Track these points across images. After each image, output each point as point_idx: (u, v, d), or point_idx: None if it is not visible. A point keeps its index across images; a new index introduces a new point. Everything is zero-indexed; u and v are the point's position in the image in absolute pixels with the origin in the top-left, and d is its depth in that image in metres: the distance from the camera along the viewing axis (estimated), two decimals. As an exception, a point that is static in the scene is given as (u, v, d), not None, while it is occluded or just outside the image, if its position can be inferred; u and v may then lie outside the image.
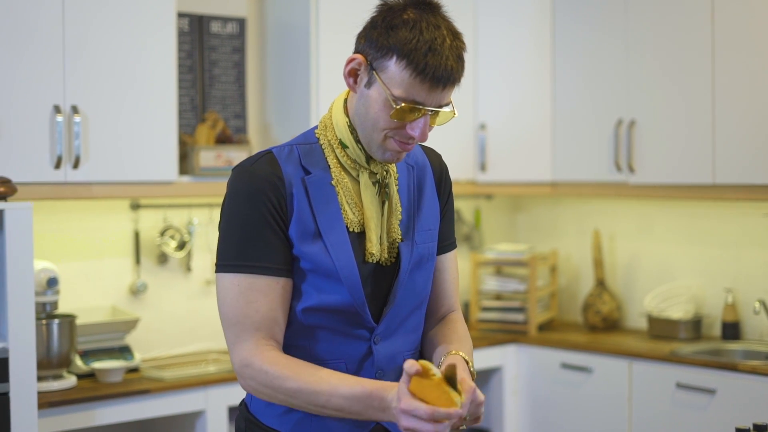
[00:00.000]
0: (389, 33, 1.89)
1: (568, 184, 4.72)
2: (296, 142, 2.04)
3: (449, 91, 1.92)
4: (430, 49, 1.86)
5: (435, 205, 2.13)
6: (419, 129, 1.91)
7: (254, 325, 1.91)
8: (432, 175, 2.15)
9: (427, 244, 2.08)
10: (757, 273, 4.39)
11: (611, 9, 4.51)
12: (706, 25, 4.14)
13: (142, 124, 3.76)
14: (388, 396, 1.78)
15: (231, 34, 4.30)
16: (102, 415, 3.52)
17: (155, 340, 4.17)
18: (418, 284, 2.06)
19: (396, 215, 2.04)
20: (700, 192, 4.22)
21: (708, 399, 3.95)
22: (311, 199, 1.96)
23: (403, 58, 1.87)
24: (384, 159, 1.97)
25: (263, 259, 1.92)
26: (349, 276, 1.95)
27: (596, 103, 4.58)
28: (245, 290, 1.92)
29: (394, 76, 1.89)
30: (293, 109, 4.33)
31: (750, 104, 4.02)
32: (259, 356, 1.90)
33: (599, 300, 4.81)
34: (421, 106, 1.89)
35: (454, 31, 1.93)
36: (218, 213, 4.23)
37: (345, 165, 2.01)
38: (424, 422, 1.69)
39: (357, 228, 1.99)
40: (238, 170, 1.98)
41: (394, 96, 1.89)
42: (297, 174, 1.97)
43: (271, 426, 2.00)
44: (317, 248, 1.95)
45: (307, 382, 1.85)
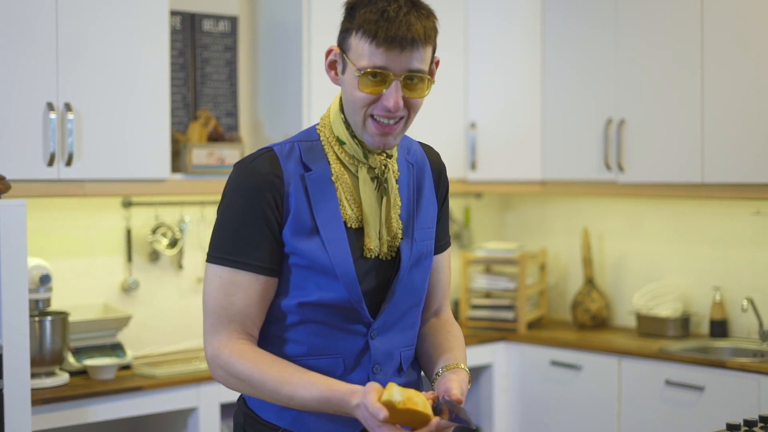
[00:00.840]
0: (350, 15, 1.97)
1: (557, 182, 4.75)
2: (298, 139, 2.06)
3: (411, 55, 1.92)
4: (381, 16, 1.91)
5: (433, 204, 2.15)
6: (392, 98, 1.92)
7: (228, 318, 1.96)
8: (431, 174, 2.17)
9: (426, 242, 2.10)
10: (745, 271, 4.43)
11: (601, 8, 4.54)
12: (696, 24, 4.17)
13: (135, 121, 3.77)
14: (350, 405, 1.84)
15: (223, 32, 4.31)
16: (95, 412, 3.53)
17: (147, 338, 4.18)
18: (417, 281, 2.08)
19: (395, 210, 2.06)
20: (689, 191, 4.26)
21: (697, 396, 3.98)
22: (310, 196, 1.98)
23: (359, 30, 1.93)
24: (372, 144, 1.99)
25: (247, 256, 1.96)
26: (346, 272, 1.97)
27: (586, 102, 4.61)
28: (225, 283, 1.96)
29: (356, 50, 1.93)
30: (285, 108, 4.35)
31: (739, 104, 4.06)
32: (228, 347, 1.95)
33: (588, 298, 4.84)
34: (386, 72, 1.91)
35: (413, 2, 1.95)
36: (211, 210, 4.26)
37: (344, 161, 2.03)
38: None
39: (355, 224, 2.02)
40: (239, 166, 2.01)
41: (358, 68, 1.92)
42: (297, 171, 2.00)
43: (269, 420, 2.03)
44: (314, 245, 1.97)
45: (272, 381, 1.91)
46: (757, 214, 4.37)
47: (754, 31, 4.02)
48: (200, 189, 4.02)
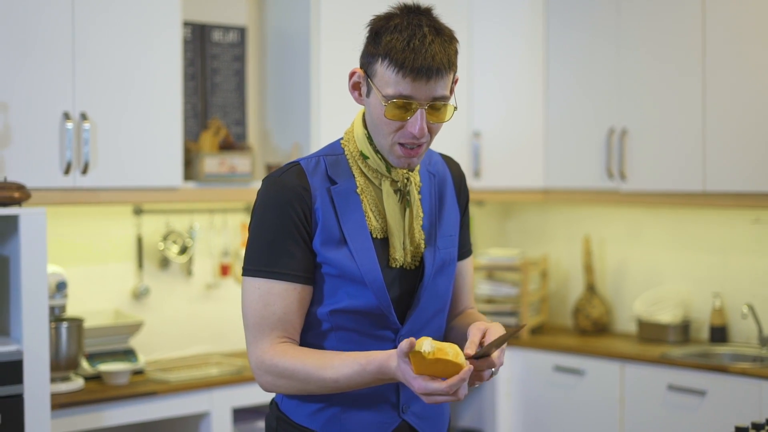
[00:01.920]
0: (375, 40, 2.01)
1: (560, 191, 4.83)
2: (323, 153, 2.13)
3: (437, 84, 1.99)
4: (408, 45, 1.96)
5: (455, 212, 2.23)
6: (417, 125, 1.99)
7: (270, 326, 2.04)
8: (452, 183, 2.25)
9: (449, 250, 2.18)
10: (744, 278, 4.51)
11: (603, 18, 4.62)
12: (697, 35, 4.26)
13: (148, 130, 3.83)
14: (390, 367, 1.90)
15: (232, 42, 4.38)
16: (110, 416, 3.60)
17: (157, 343, 4.24)
18: (441, 288, 2.16)
19: (417, 221, 2.13)
20: (690, 199, 4.34)
21: (699, 400, 4.06)
22: (336, 208, 2.06)
23: (386, 58, 1.98)
24: (398, 165, 2.06)
25: (283, 266, 2.03)
26: (374, 280, 2.05)
27: (589, 111, 4.69)
28: (264, 294, 2.03)
29: (382, 77, 1.99)
30: (293, 117, 4.42)
31: (740, 113, 4.14)
32: (270, 352, 2.02)
33: (589, 304, 4.92)
34: (411, 101, 1.98)
35: (437, 28, 2.01)
36: (220, 218, 4.33)
37: (368, 175, 2.10)
38: (445, 396, 1.84)
39: (380, 234, 2.09)
40: (268, 181, 2.08)
41: (384, 96, 1.99)
42: (323, 185, 2.07)
43: (302, 424, 2.10)
44: (343, 254, 2.05)
45: (314, 369, 1.98)
46: (756, 222, 4.46)
47: (756, 41, 4.10)
48: (212, 197, 4.09)
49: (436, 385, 1.82)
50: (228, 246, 4.42)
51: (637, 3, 4.50)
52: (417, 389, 1.84)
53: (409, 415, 2.12)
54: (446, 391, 1.82)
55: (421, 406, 2.14)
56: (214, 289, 4.42)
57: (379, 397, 2.08)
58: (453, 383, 1.82)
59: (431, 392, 1.83)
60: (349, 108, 4.32)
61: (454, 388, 1.82)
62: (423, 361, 1.82)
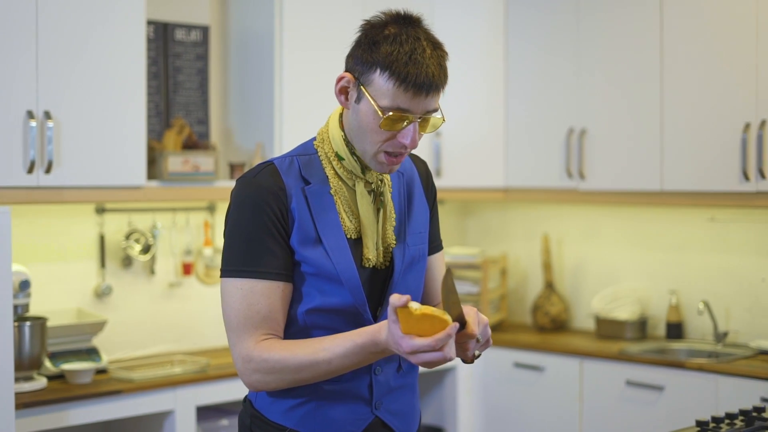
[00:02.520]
0: (372, 49, 2.02)
1: (520, 190, 4.89)
2: (296, 153, 2.16)
3: (433, 98, 2.04)
4: (410, 59, 1.98)
5: (424, 209, 2.27)
6: (409, 137, 2.03)
7: (254, 326, 2.04)
8: (420, 181, 2.28)
9: (418, 246, 2.21)
10: (700, 275, 4.60)
11: (563, 21, 4.69)
12: (655, 36, 4.34)
13: (112, 129, 3.83)
14: (380, 339, 1.92)
15: (195, 41, 4.38)
16: (75, 415, 3.59)
17: (119, 342, 4.23)
18: (411, 284, 2.19)
19: (390, 222, 2.17)
20: (648, 198, 4.42)
21: (656, 396, 4.14)
22: (311, 208, 2.08)
23: (386, 70, 2.00)
24: (380, 170, 2.09)
25: (264, 265, 2.04)
26: (350, 278, 2.08)
27: (548, 112, 4.75)
28: (247, 294, 2.04)
29: (380, 88, 2.01)
30: (256, 116, 4.43)
31: (697, 114, 4.23)
32: (257, 349, 2.03)
33: (548, 302, 4.99)
34: (407, 114, 2.01)
35: (434, 42, 2.05)
36: (182, 217, 4.33)
37: (341, 175, 2.13)
38: (432, 353, 1.84)
39: (354, 234, 2.12)
40: (243, 182, 2.10)
41: (381, 107, 2.01)
42: (297, 184, 2.09)
43: (277, 421, 2.12)
44: (318, 253, 2.07)
45: (306, 355, 1.99)
46: (712, 220, 4.55)
47: (712, 43, 4.19)
48: (175, 196, 4.09)
49: (422, 341, 1.82)
50: (190, 245, 4.42)
51: (596, 5, 4.57)
52: (404, 348, 1.85)
53: (382, 411, 2.15)
54: (433, 345, 1.82)
55: (394, 402, 2.17)
56: (176, 288, 4.42)
57: (353, 393, 2.11)
58: (439, 338, 1.82)
59: (418, 349, 1.83)
60: (312, 108, 4.38)
61: (441, 343, 1.82)
62: (410, 317, 1.83)
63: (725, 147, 4.12)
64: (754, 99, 4.04)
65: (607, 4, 4.54)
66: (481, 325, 1.96)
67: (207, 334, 4.50)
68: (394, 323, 1.86)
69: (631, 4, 4.44)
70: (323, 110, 4.39)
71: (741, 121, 4.07)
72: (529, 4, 4.83)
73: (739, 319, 4.47)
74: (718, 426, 2.71)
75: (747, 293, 4.45)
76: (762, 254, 4.41)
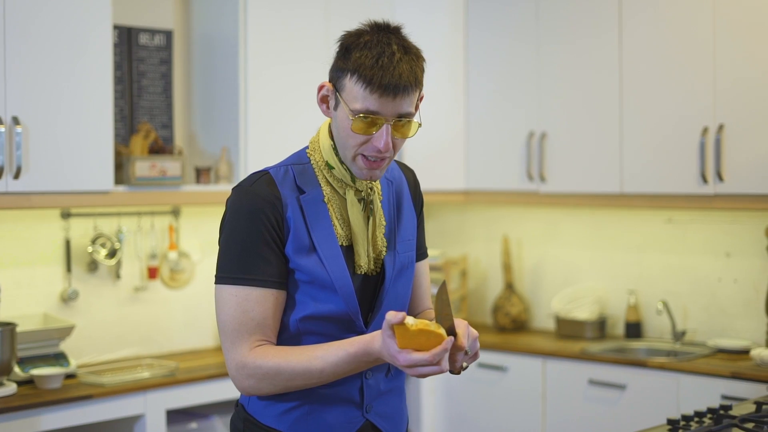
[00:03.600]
0: (345, 56, 2.08)
1: (481, 192, 4.96)
2: (290, 162, 2.20)
3: (403, 101, 2.07)
4: (377, 63, 2.04)
5: (412, 217, 2.32)
6: (382, 140, 2.07)
7: (249, 332, 2.08)
8: (408, 189, 2.34)
9: (408, 253, 2.27)
10: (658, 275, 4.71)
11: (523, 24, 4.77)
12: (614, 42, 4.43)
13: (80, 134, 3.83)
14: (373, 349, 1.98)
15: (158, 45, 4.39)
16: (46, 420, 3.59)
17: (86, 347, 4.23)
18: (400, 291, 2.25)
19: (380, 229, 2.22)
20: (608, 200, 4.51)
21: (619, 394, 4.23)
22: (306, 217, 2.12)
23: (354, 73, 2.05)
24: (361, 176, 2.14)
25: (259, 273, 2.08)
26: (344, 286, 2.12)
27: (509, 115, 4.83)
28: (242, 300, 2.08)
29: (351, 92, 2.06)
30: (220, 121, 4.45)
31: (656, 118, 4.33)
32: (251, 355, 2.07)
33: (508, 302, 5.07)
34: (377, 116, 2.05)
35: (405, 47, 2.09)
36: (147, 221, 4.33)
37: (333, 184, 2.17)
38: (429, 366, 1.90)
39: (345, 242, 2.17)
40: (239, 190, 2.14)
41: (352, 110, 2.06)
42: (293, 193, 2.13)
43: (270, 425, 2.16)
44: (313, 261, 2.11)
45: (299, 363, 2.04)
46: (669, 222, 4.66)
47: (672, 49, 4.29)
48: (143, 200, 4.09)
49: (419, 355, 1.89)
50: (156, 249, 4.43)
51: (555, 9, 4.66)
52: (401, 362, 1.90)
53: (373, 414, 2.20)
54: (430, 360, 1.88)
55: (384, 406, 2.22)
56: (142, 292, 4.42)
57: (345, 397, 2.16)
58: (436, 352, 1.88)
59: (415, 363, 1.89)
60: (278, 112, 4.41)
61: (438, 358, 1.89)
62: (407, 333, 1.88)
63: (684, 150, 4.23)
64: (712, 103, 4.14)
65: (566, 10, 4.62)
66: (471, 339, 2.01)
67: (173, 337, 4.51)
68: (389, 338, 1.92)
69: (591, 8, 4.53)
70: (288, 114, 4.47)
71: (699, 125, 4.18)
72: (489, 8, 4.91)
73: (697, 318, 4.59)
74: (688, 424, 2.79)
75: (704, 293, 4.57)
76: (719, 255, 4.52)
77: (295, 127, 4.50)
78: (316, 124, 4.49)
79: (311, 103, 4.52)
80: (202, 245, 4.61)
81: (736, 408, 3.01)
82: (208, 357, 4.40)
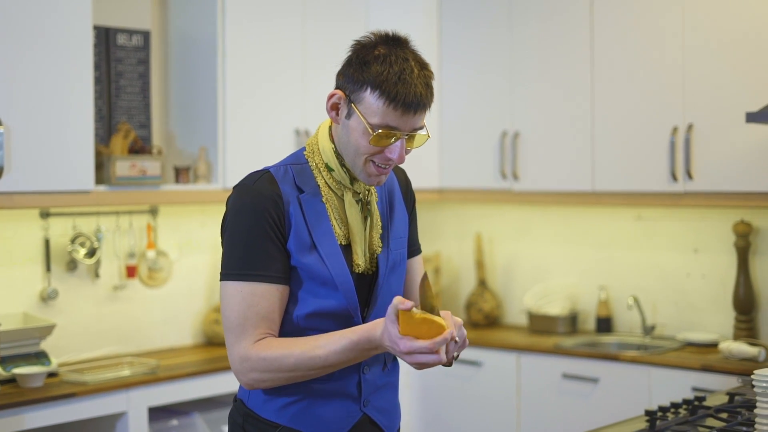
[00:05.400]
0: (363, 68, 2.14)
1: (455, 190, 5.04)
2: (289, 163, 2.26)
3: (420, 116, 2.18)
4: (399, 79, 2.11)
5: (404, 215, 2.39)
6: (397, 152, 2.16)
7: (253, 326, 2.14)
8: (399, 188, 2.41)
9: (400, 251, 2.34)
10: (628, 271, 4.82)
11: (496, 25, 4.85)
12: (586, 43, 4.52)
13: (61, 135, 3.85)
14: (375, 336, 2.04)
15: (136, 46, 4.42)
16: (30, 419, 3.61)
17: (66, 346, 4.26)
18: (393, 287, 2.32)
19: (377, 230, 2.29)
20: (580, 198, 4.61)
21: (592, 387, 4.33)
22: (306, 215, 2.19)
23: (377, 89, 2.11)
24: (367, 182, 2.21)
25: (264, 268, 2.14)
26: (344, 282, 2.19)
27: (482, 115, 4.91)
28: (247, 296, 2.14)
29: (370, 106, 2.13)
30: (198, 121, 4.50)
31: (627, 117, 4.43)
32: (254, 348, 2.13)
33: (481, 298, 5.15)
34: (396, 131, 2.14)
35: (421, 62, 2.18)
36: (125, 220, 4.35)
37: (331, 185, 2.24)
38: (428, 355, 1.97)
39: (343, 241, 2.24)
40: (242, 188, 2.19)
41: (371, 124, 2.13)
42: (293, 192, 2.20)
43: (270, 419, 2.22)
44: (314, 259, 2.18)
45: (302, 352, 2.10)
46: (638, 219, 4.76)
47: (642, 49, 4.39)
48: (123, 200, 4.13)
49: (420, 343, 1.95)
50: (134, 248, 4.46)
51: (528, 10, 4.74)
52: (402, 348, 1.96)
53: (370, 408, 2.27)
54: (430, 348, 1.94)
55: (380, 400, 2.29)
56: (120, 291, 4.46)
57: (343, 392, 2.22)
58: (437, 341, 1.94)
59: (415, 350, 1.95)
60: (256, 111, 4.46)
61: (438, 346, 1.95)
62: (411, 320, 1.94)
63: (654, 149, 4.33)
64: (681, 103, 4.25)
65: (539, 11, 4.71)
66: (456, 326, 2.07)
67: (151, 336, 4.55)
68: (392, 323, 1.97)
69: (563, 9, 4.62)
70: (267, 114, 4.52)
71: (669, 125, 4.28)
72: (462, 10, 4.99)
73: (666, 313, 4.70)
74: (665, 415, 2.89)
75: (673, 288, 4.68)
76: (687, 251, 4.63)
77: (272, 127, 4.57)
78: (293, 123, 4.59)
79: (289, 102, 4.61)
80: (180, 244, 4.65)
81: (709, 399, 3.11)
82: (187, 355, 4.44)
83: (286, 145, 4.58)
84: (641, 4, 4.39)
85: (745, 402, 2.98)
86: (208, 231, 4.74)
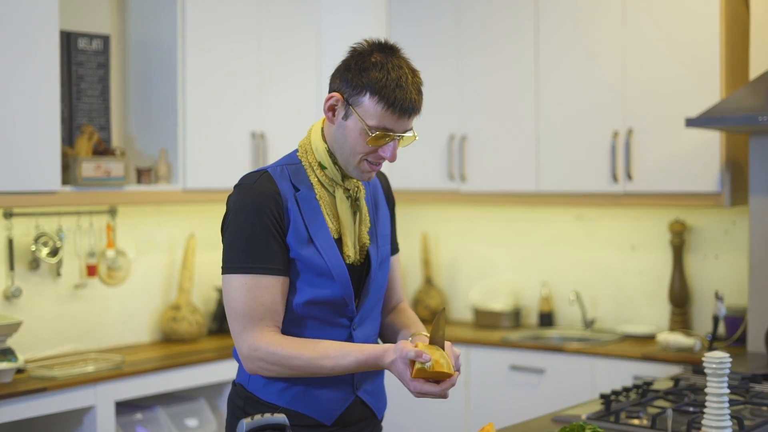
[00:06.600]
0: (362, 74, 2.32)
1: (404, 191, 5.23)
2: (284, 163, 2.43)
3: (412, 119, 2.38)
4: (397, 86, 2.31)
5: (387, 215, 2.59)
6: (390, 151, 2.35)
7: (259, 317, 2.31)
8: (382, 191, 2.60)
9: (386, 247, 2.54)
10: (569, 268, 5.06)
11: (443, 32, 5.06)
12: (531, 49, 4.75)
13: (27, 136, 3.95)
14: (383, 363, 2.26)
15: (96, 50, 4.53)
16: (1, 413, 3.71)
17: (28, 343, 4.34)
18: (381, 280, 2.51)
19: (365, 224, 2.47)
20: (525, 199, 4.84)
21: (538, 378, 4.55)
22: (302, 212, 2.36)
23: (376, 95, 2.30)
24: (360, 178, 2.40)
25: (267, 261, 2.31)
26: (340, 273, 2.37)
27: (431, 119, 5.10)
28: (252, 288, 2.31)
29: (369, 110, 2.31)
30: (158, 123, 4.62)
31: (570, 121, 4.67)
32: (264, 340, 2.30)
33: (427, 295, 5.36)
34: (391, 133, 2.33)
35: (413, 69, 2.39)
36: (86, 220, 4.45)
37: (323, 182, 2.41)
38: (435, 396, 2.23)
39: (335, 235, 2.42)
40: (243, 187, 2.36)
41: (369, 126, 2.31)
42: (290, 190, 2.37)
43: (270, 401, 2.39)
44: (311, 251, 2.36)
45: (311, 359, 2.28)
46: (579, 218, 5.01)
47: (585, 56, 4.63)
48: (89, 200, 4.24)
49: (430, 387, 2.21)
50: (94, 247, 4.57)
51: (475, 17, 4.95)
52: (413, 390, 2.21)
53: (362, 391, 2.46)
54: (439, 393, 2.22)
55: (371, 384, 2.49)
56: (81, 289, 4.55)
57: (339, 377, 2.40)
58: (445, 387, 2.22)
59: (426, 394, 2.21)
60: (216, 113, 4.59)
61: (445, 392, 2.23)
62: (424, 371, 2.19)
63: (596, 152, 4.57)
64: (621, 109, 4.49)
65: (485, 17, 4.92)
66: (454, 357, 2.30)
67: (111, 333, 4.66)
68: (404, 365, 2.21)
69: (509, 16, 4.84)
70: (224, 117, 4.66)
71: (610, 129, 4.53)
72: (410, 16, 5.18)
73: (605, 308, 4.95)
74: (618, 398, 3.12)
75: (612, 284, 4.93)
76: (625, 248, 4.89)
77: (230, 130, 4.70)
78: (249, 126, 4.73)
79: (246, 106, 4.75)
80: (138, 243, 4.77)
81: (656, 384, 3.36)
82: (147, 351, 4.56)
83: (242, 147, 4.72)
84: (584, 12, 4.63)
85: (689, 386, 3.23)
86: (165, 231, 4.87)
